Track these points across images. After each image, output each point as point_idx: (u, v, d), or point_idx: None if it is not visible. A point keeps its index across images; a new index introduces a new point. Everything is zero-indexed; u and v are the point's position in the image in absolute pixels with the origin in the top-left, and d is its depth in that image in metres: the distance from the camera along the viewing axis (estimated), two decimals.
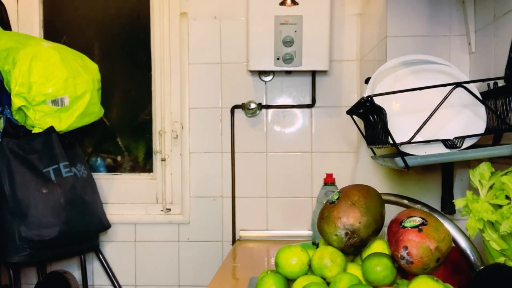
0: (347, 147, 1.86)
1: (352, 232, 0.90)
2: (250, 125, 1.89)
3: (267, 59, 1.72)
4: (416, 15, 1.35)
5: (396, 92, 1.05)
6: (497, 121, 1.05)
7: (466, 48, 1.34)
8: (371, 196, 0.95)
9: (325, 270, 0.89)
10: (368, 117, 1.20)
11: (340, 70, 1.86)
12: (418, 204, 1.03)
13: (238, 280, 1.37)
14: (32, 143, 1.61)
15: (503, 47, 1.10)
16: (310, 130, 1.88)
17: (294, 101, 1.88)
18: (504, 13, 1.11)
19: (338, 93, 1.87)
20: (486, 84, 1.11)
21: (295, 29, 1.70)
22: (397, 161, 1.04)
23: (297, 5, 1.69)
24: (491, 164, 0.92)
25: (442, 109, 1.02)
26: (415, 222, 0.87)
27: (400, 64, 1.21)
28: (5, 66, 1.57)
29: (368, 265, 0.88)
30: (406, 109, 1.12)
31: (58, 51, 1.65)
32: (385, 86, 1.14)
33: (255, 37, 1.72)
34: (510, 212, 0.81)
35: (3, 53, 1.59)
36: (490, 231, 0.86)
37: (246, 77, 1.88)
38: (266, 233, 1.88)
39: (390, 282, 0.87)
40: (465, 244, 0.94)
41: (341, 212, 0.91)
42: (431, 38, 1.36)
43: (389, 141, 1.04)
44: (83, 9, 1.96)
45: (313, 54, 1.71)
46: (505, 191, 0.84)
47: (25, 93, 1.56)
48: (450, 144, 1.06)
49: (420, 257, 0.83)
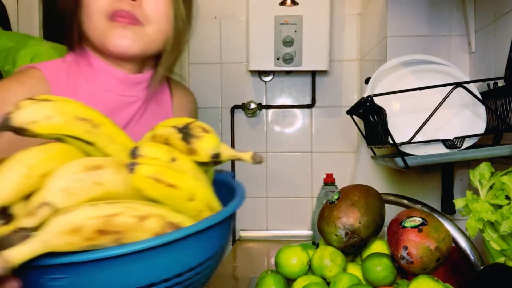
0: (347, 147, 1.86)
1: (352, 232, 0.90)
2: (250, 125, 1.89)
3: (267, 59, 1.72)
4: (416, 15, 1.35)
5: (396, 92, 1.05)
6: (497, 121, 1.05)
7: (466, 48, 1.34)
8: (371, 196, 0.95)
9: (325, 270, 0.89)
10: (368, 117, 1.20)
11: (340, 70, 1.86)
12: (418, 204, 1.03)
13: (238, 280, 1.37)
14: None
15: (503, 47, 1.10)
16: (310, 130, 1.88)
17: (294, 101, 1.88)
18: (504, 13, 1.11)
19: (338, 93, 1.87)
20: (486, 84, 1.11)
21: (295, 29, 1.70)
22: (397, 161, 1.04)
23: (297, 5, 1.69)
24: (491, 164, 0.92)
25: (442, 109, 1.02)
26: (415, 222, 0.87)
27: (400, 64, 1.21)
28: (5, 66, 1.57)
29: (368, 265, 0.88)
30: (406, 109, 1.12)
31: (58, 51, 1.64)
32: (385, 86, 1.14)
33: (255, 37, 1.72)
34: (510, 212, 0.81)
35: (3, 53, 1.59)
36: (490, 231, 0.86)
37: (246, 77, 1.88)
38: (266, 233, 1.88)
39: (390, 282, 0.87)
40: (465, 244, 0.94)
41: (341, 212, 0.91)
42: (431, 38, 1.36)
43: (389, 141, 1.04)
44: None
45: (313, 54, 1.72)
46: (505, 191, 0.84)
47: None
48: (450, 144, 1.06)
49: (420, 257, 0.83)
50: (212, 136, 0.64)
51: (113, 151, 0.61)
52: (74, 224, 0.47)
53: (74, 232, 0.47)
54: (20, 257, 0.45)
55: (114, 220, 0.49)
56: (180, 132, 0.63)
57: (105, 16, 0.88)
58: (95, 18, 0.89)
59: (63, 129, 0.56)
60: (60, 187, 0.50)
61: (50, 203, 0.49)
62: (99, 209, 0.49)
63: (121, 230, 0.49)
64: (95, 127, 0.59)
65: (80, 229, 0.47)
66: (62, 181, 0.51)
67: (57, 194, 0.50)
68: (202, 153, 0.62)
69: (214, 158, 0.63)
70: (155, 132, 0.65)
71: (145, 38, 0.90)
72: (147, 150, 0.57)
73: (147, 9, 0.89)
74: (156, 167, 0.55)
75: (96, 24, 0.89)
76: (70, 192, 0.50)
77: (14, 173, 0.51)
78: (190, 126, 0.64)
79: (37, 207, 0.48)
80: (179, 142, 0.63)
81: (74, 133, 0.57)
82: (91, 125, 0.58)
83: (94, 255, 0.48)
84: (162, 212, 0.53)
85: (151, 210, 0.52)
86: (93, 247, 0.48)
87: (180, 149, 0.62)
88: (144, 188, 0.54)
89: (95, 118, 0.59)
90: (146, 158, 0.56)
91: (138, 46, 0.90)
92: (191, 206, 0.58)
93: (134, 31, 0.89)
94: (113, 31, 0.88)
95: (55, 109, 0.55)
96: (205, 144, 0.62)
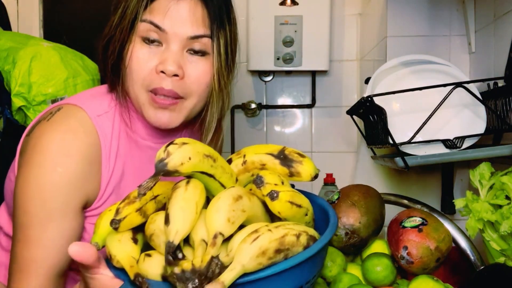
0: (347, 147, 1.86)
1: (352, 232, 0.90)
2: (250, 125, 1.89)
3: (267, 59, 1.72)
4: (416, 15, 1.35)
5: (396, 92, 1.05)
6: (497, 121, 1.05)
7: (466, 48, 1.34)
8: (371, 196, 0.95)
9: (325, 270, 0.89)
10: (368, 117, 1.20)
11: (340, 70, 1.86)
12: (418, 204, 1.03)
13: None
14: None
15: (503, 47, 1.10)
16: (310, 130, 1.88)
17: (294, 101, 1.88)
18: (504, 13, 1.11)
19: (338, 93, 1.87)
20: (486, 84, 1.11)
21: (295, 29, 1.70)
22: (397, 161, 1.04)
23: (297, 5, 1.69)
24: (491, 164, 0.92)
25: (442, 109, 1.02)
26: (415, 222, 0.87)
27: (400, 64, 1.21)
28: (5, 66, 1.57)
29: (368, 265, 0.88)
30: (406, 109, 1.12)
31: (58, 51, 1.64)
32: (385, 86, 1.14)
33: (255, 37, 1.72)
34: (510, 212, 0.81)
35: (3, 53, 1.59)
36: (490, 231, 0.86)
37: (246, 77, 1.88)
38: None
39: (390, 282, 0.87)
40: (465, 244, 0.94)
41: (341, 212, 0.91)
42: (431, 38, 1.36)
43: (389, 141, 1.04)
44: (83, 9, 1.96)
45: (313, 54, 1.72)
46: (505, 191, 0.84)
47: (25, 93, 1.56)
48: (450, 144, 1.06)
49: (420, 257, 0.83)
50: (310, 160, 0.75)
51: (225, 180, 0.70)
52: (263, 248, 0.58)
53: (263, 254, 0.58)
54: (230, 280, 0.55)
55: (285, 240, 0.60)
56: (277, 158, 0.75)
57: (147, 90, 0.88)
58: (137, 88, 0.89)
59: (197, 167, 0.64)
60: (225, 218, 0.60)
61: (222, 233, 0.59)
62: (274, 233, 0.60)
63: (289, 247, 0.61)
64: (215, 161, 0.67)
65: (266, 251, 0.58)
66: (224, 213, 0.60)
67: (225, 225, 0.59)
68: (305, 176, 0.73)
69: (314, 179, 0.74)
70: (246, 159, 0.76)
71: (185, 111, 0.91)
72: (269, 177, 0.68)
73: (189, 83, 0.89)
74: (289, 192, 0.66)
75: (138, 94, 0.89)
76: (231, 221, 0.60)
77: (188, 211, 0.60)
78: (286, 152, 0.75)
79: (214, 237, 0.58)
80: (279, 167, 0.74)
81: (204, 169, 0.65)
82: (212, 160, 0.67)
83: (275, 269, 0.58)
84: (304, 229, 0.64)
85: (299, 228, 0.63)
86: (271, 263, 0.59)
87: (280, 173, 0.73)
88: (283, 210, 0.66)
89: (213, 153, 0.67)
90: (271, 185, 0.67)
91: (178, 120, 0.91)
92: (305, 219, 0.70)
93: (174, 109, 0.89)
94: (153, 110, 0.89)
95: (192, 151, 0.63)
96: (308, 168, 0.74)
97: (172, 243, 0.56)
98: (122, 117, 0.94)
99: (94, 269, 0.61)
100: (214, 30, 0.89)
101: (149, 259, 0.61)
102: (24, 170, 0.85)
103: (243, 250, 0.57)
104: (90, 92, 1.00)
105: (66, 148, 0.84)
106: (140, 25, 0.87)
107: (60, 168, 0.83)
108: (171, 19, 0.86)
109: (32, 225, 0.83)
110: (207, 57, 0.90)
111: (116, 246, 0.63)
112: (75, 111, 0.89)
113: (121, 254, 0.62)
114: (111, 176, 0.90)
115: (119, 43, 0.89)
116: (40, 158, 0.84)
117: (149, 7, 0.87)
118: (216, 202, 0.61)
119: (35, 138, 0.87)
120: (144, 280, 0.58)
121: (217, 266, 0.56)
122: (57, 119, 0.88)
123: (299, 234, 0.62)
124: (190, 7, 0.87)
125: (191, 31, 0.87)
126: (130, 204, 0.64)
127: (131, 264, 0.60)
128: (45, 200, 0.83)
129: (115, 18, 0.91)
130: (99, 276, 0.61)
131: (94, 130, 0.88)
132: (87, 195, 0.87)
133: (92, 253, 0.59)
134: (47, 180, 0.83)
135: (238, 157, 0.77)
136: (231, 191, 0.63)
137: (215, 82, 0.91)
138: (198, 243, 0.59)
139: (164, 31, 0.86)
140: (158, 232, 0.62)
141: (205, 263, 0.55)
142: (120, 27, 0.89)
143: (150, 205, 0.66)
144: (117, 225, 0.62)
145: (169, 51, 0.87)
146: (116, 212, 0.63)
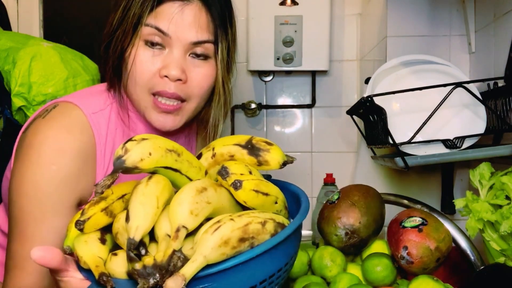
0: (347, 147, 1.86)
1: (352, 232, 0.90)
2: (250, 125, 1.89)
3: (267, 59, 1.72)
4: (416, 15, 1.35)
5: (396, 92, 1.05)
6: (497, 121, 1.05)
7: (466, 48, 1.34)
8: (371, 196, 0.95)
9: (325, 270, 0.89)
10: (368, 117, 1.21)
11: (340, 70, 1.86)
12: (418, 204, 1.03)
13: None
14: None
15: (503, 47, 1.10)
16: (310, 130, 1.88)
17: (294, 101, 1.88)
18: (504, 13, 1.11)
19: (338, 93, 1.87)
20: (486, 84, 1.11)
21: (295, 29, 1.70)
22: (397, 161, 1.04)
23: (297, 5, 1.69)
24: (491, 164, 0.92)
25: (442, 109, 1.02)
26: (415, 222, 0.87)
27: (400, 64, 1.21)
28: (5, 66, 1.57)
29: (368, 265, 0.88)
30: (406, 109, 1.12)
31: (58, 51, 1.64)
32: (385, 86, 1.14)
33: (255, 37, 1.72)
34: (510, 212, 0.81)
35: (3, 53, 1.59)
36: (490, 231, 0.86)
37: (246, 77, 1.88)
38: None
39: (390, 282, 0.87)
40: (465, 244, 0.94)
41: (341, 212, 0.91)
42: (431, 38, 1.36)
43: (389, 141, 1.04)
44: (83, 9, 1.96)
45: (313, 54, 1.71)
46: (505, 191, 0.84)
47: (25, 93, 1.56)
48: (450, 144, 1.06)
49: (420, 257, 0.83)
50: (277, 148, 0.74)
51: (192, 173, 0.68)
52: (224, 238, 0.56)
53: (225, 244, 0.56)
54: (191, 273, 0.53)
55: (248, 228, 0.59)
56: (245, 148, 0.73)
57: (150, 92, 0.89)
58: (140, 91, 0.89)
59: (160, 162, 0.63)
60: (188, 211, 0.58)
61: (185, 226, 0.57)
62: (236, 222, 0.58)
63: (254, 235, 0.59)
64: (179, 156, 0.66)
65: (229, 241, 0.56)
66: (187, 206, 0.58)
67: (188, 217, 0.57)
68: (273, 164, 0.73)
69: (283, 166, 0.74)
70: (215, 151, 0.74)
71: (187, 113, 0.92)
72: (234, 168, 0.67)
73: (191, 87, 0.90)
74: (254, 181, 0.65)
75: (140, 96, 0.89)
76: (194, 213, 0.58)
77: (149, 206, 0.58)
78: (253, 141, 0.73)
79: (176, 231, 0.56)
80: (247, 157, 0.73)
81: (168, 164, 0.64)
82: (176, 155, 0.65)
83: (240, 258, 0.56)
84: (271, 216, 0.63)
85: (265, 216, 0.62)
86: (236, 253, 0.57)
87: (248, 163, 0.72)
88: (249, 199, 0.65)
89: (177, 148, 0.66)
90: (237, 175, 0.65)
91: (181, 123, 0.92)
92: (275, 208, 0.69)
93: (178, 113, 0.91)
94: (156, 114, 0.89)
95: (152, 146, 0.62)
96: (275, 156, 0.73)
97: (133, 239, 0.55)
98: (119, 115, 0.94)
99: (63, 272, 0.60)
100: (218, 35, 0.90)
101: (115, 258, 0.60)
102: (19, 167, 0.85)
103: (204, 240, 0.56)
104: (87, 90, 1.00)
105: (60, 146, 0.84)
106: (144, 28, 0.87)
107: (54, 165, 0.83)
108: (176, 25, 0.86)
109: (26, 222, 0.83)
110: (209, 61, 0.91)
111: (83, 247, 0.62)
112: (71, 108, 0.89)
113: (88, 255, 0.61)
114: (106, 173, 0.90)
115: (120, 44, 0.89)
116: (34, 155, 0.84)
117: (154, 11, 0.87)
118: (179, 195, 0.59)
119: (30, 135, 0.87)
120: (109, 279, 0.57)
121: (179, 260, 0.54)
122: (52, 116, 0.88)
123: (265, 221, 0.61)
124: (195, 13, 0.87)
125: (195, 37, 0.88)
126: (96, 205, 0.63)
127: (97, 264, 0.59)
128: (39, 197, 0.83)
129: (116, 18, 0.91)
130: (68, 278, 0.60)
131: (89, 127, 0.88)
132: (81, 192, 0.87)
133: (55, 256, 0.58)
134: (42, 177, 0.83)
135: (207, 150, 0.76)
136: (195, 183, 0.62)
137: (220, 84, 0.93)
138: (162, 238, 0.58)
139: (168, 36, 0.86)
140: (121, 230, 0.61)
141: (166, 257, 0.53)
142: (122, 28, 0.89)
143: (117, 205, 0.65)
144: (81, 226, 0.61)
145: (172, 56, 0.87)
146: (82, 213, 0.62)
